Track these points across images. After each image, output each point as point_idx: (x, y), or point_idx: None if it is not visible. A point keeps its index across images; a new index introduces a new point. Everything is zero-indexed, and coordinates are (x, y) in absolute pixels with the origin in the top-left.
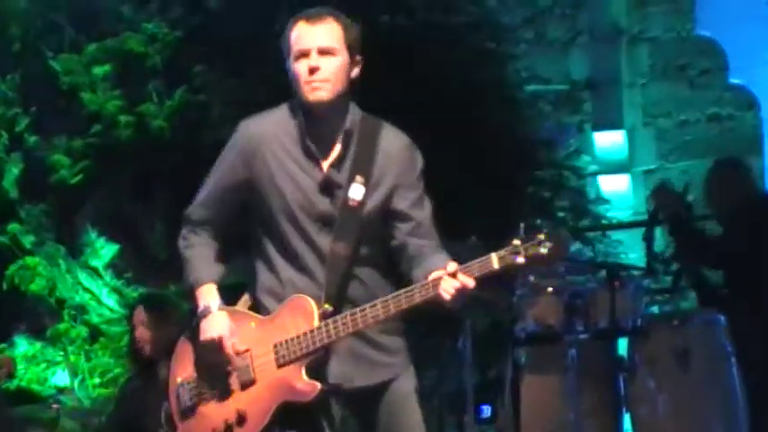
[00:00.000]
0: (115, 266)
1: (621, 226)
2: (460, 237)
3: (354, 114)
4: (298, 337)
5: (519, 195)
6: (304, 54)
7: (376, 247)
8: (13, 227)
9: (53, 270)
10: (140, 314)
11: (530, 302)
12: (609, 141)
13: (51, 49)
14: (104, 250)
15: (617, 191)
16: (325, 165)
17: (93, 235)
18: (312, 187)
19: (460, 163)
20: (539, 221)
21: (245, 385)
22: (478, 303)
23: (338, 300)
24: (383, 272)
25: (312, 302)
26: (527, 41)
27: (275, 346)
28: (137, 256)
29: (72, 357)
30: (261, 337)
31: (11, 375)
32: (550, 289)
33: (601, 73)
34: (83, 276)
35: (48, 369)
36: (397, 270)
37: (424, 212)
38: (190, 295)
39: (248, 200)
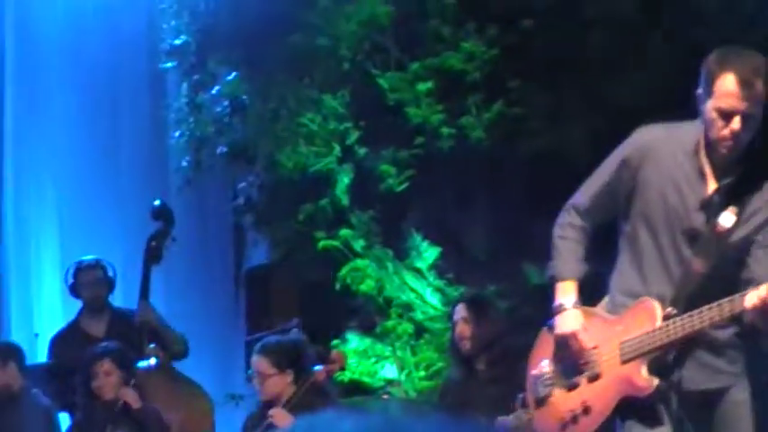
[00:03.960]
0: (438, 268)
1: None
2: None
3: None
4: (641, 336)
5: None
6: (727, 114)
7: (729, 270)
8: (345, 232)
9: (381, 271)
10: (462, 311)
11: None
12: None
13: (378, 68)
14: (428, 253)
15: None
16: (711, 187)
17: (418, 239)
18: (693, 203)
19: None
20: None
21: (592, 379)
22: None
23: (683, 307)
24: (730, 289)
25: (657, 305)
26: None
27: (621, 343)
28: (458, 258)
29: (399, 352)
30: (608, 335)
31: (342, 369)
32: None
33: None
34: (408, 277)
35: (377, 363)
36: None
37: None
38: (548, 285)
39: (623, 202)
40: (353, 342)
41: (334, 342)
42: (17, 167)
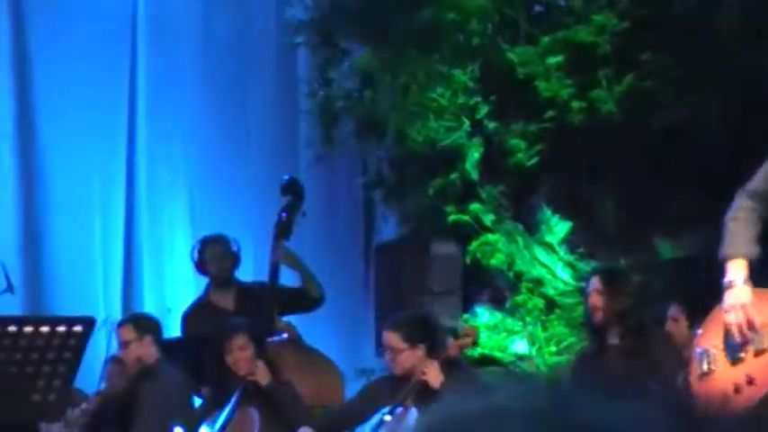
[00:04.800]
0: (569, 242)
1: None
2: None
3: None
4: None
5: None
6: None
7: None
8: (475, 206)
9: (511, 246)
10: (596, 283)
11: None
12: None
13: (507, 42)
14: (558, 227)
15: None
16: None
17: (548, 213)
18: None
19: None
20: None
21: (758, 353)
22: None
23: None
24: None
25: None
26: None
27: None
28: (589, 232)
29: (530, 327)
30: None
31: (475, 343)
32: None
33: None
34: (539, 252)
35: (508, 338)
36: None
37: None
38: (719, 264)
39: None
40: (484, 316)
41: (465, 316)
42: (149, 144)
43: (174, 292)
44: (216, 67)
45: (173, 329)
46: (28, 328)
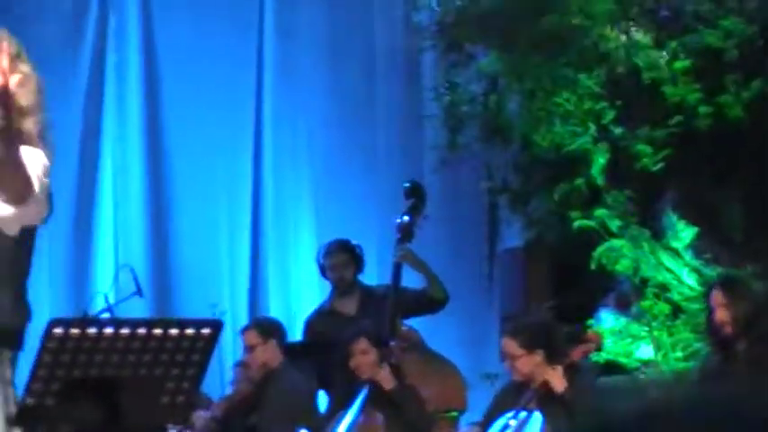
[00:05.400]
0: (695, 247)
1: None
2: None
3: None
4: None
5: None
6: None
7: None
8: (601, 212)
9: (637, 251)
10: (717, 297)
11: None
12: None
13: (634, 47)
14: (684, 233)
15: None
16: None
17: (674, 218)
18: None
19: None
20: None
21: None
22: None
23: None
24: None
25: None
26: None
27: None
28: (715, 238)
29: (655, 332)
30: None
31: (599, 349)
32: None
33: None
34: (664, 257)
35: (633, 343)
36: None
37: None
38: None
39: None
40: (608, 322)
41: (589, 322)
42: (275, 149)
43: (299, 296)
44: (341, 72)
45: (298, 333)
46: (157, 331)
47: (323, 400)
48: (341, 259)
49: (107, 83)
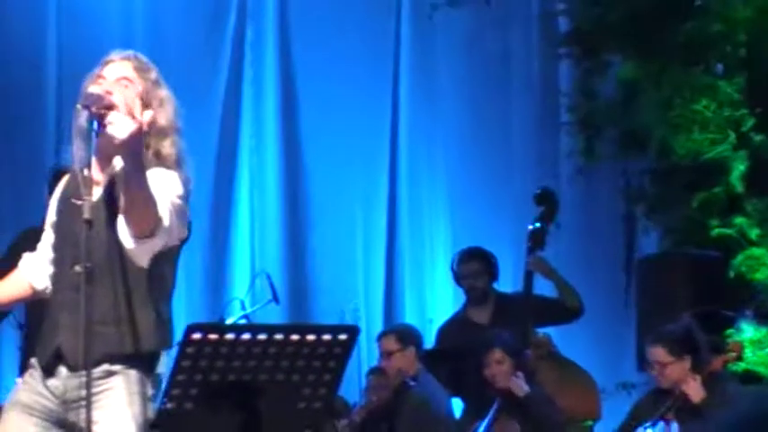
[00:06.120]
0: None
1: None
2: None
3: None
4: None
5: None
6: None
7: None
8: (740, 220)
9: None
10: None
11: None
12: None
13: None
14: None
15: None
16: None
17: None
18: None
19: None
20: None
21: None
22: None
23: None
24: None
25: None
26: None
27: None
28: None
29: None
30: None
31: (740, 358)
32: None
33: None
34: None
35: None
36: None
37: None
38: None
39: None
40: (748, 331)
41: (729, 331)
42: (410, 156)
43: (434, 302)
44: (476, 79)
45: (432, 340)
46: (294, 336)
47: (457, 408)
48: (474, 268)
49: (244, 95)
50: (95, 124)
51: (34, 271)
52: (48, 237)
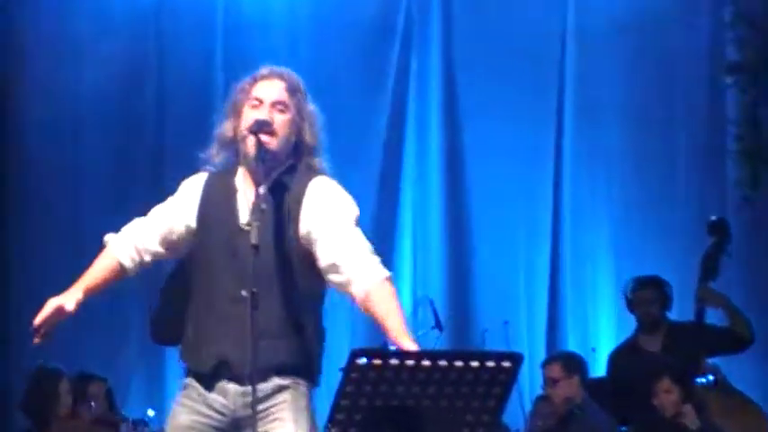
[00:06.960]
0: None
1: None
2: None
3: None
4: None
5: None
6: None
7: None
8: None
9: None
10: None
11: None
12: None
13: None
14: None
15: None
16: None
17: None
18: None
19: None
20: None
21: None
22: None
23: None
24: None
25: None
26: None
27: None
28: None
29: None
30: None
31: None
32: None
33: None
34: None
35: None
36: None
37: None
38: None
39: None
40: None
41: None
42: (574, 182)
43: (597, 331)
44: (640, 102)
45: (598, 369)
46: (458, 363)
47: None
48: (649, 295)
49: (408, 122)
50: (262, 151)
51: (124, 250)
52: (165, 222)
